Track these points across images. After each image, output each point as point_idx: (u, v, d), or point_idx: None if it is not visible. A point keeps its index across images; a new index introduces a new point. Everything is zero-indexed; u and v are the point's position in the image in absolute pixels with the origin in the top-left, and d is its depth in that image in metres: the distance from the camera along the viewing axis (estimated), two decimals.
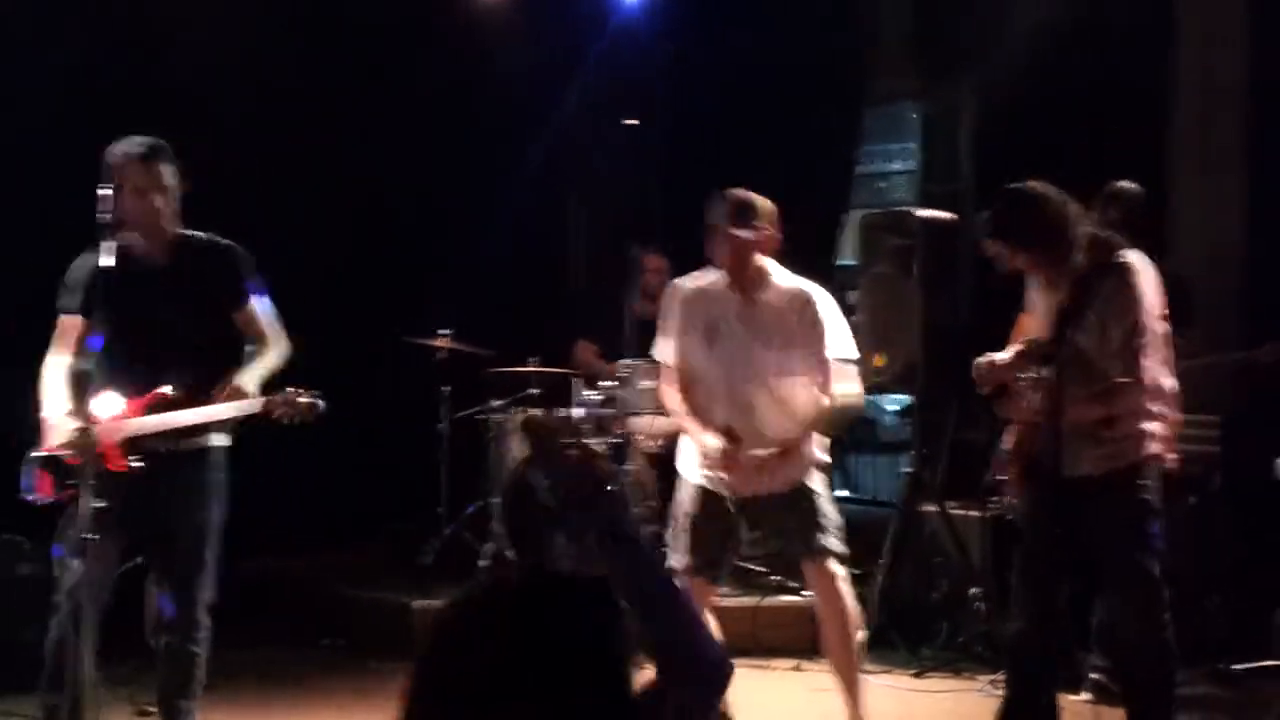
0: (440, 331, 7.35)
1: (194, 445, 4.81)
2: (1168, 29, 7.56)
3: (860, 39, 8.98)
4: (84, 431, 4.52)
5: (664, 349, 5.21)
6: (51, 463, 4.56)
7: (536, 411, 6.92)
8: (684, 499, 5.20)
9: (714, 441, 4.98)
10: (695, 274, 5.24)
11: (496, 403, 7.32)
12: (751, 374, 5.03)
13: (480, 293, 7.94)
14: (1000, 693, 5.43)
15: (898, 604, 6.75)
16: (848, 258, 8.19)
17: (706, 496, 5.09)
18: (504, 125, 8.43)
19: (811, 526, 5.06)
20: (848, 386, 5.14)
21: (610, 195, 8.87)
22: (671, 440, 5.93)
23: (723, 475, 5.01)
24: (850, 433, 7.34)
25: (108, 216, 4.46)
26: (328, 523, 7.78)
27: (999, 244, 4.76)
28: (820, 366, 5.06)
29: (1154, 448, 4.67)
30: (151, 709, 5.50)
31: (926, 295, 6.69)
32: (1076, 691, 5.65)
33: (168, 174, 4.82)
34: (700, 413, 5.10)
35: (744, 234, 5.01)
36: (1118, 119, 7.23)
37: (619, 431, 6.88)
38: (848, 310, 6.52)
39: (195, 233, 4.95)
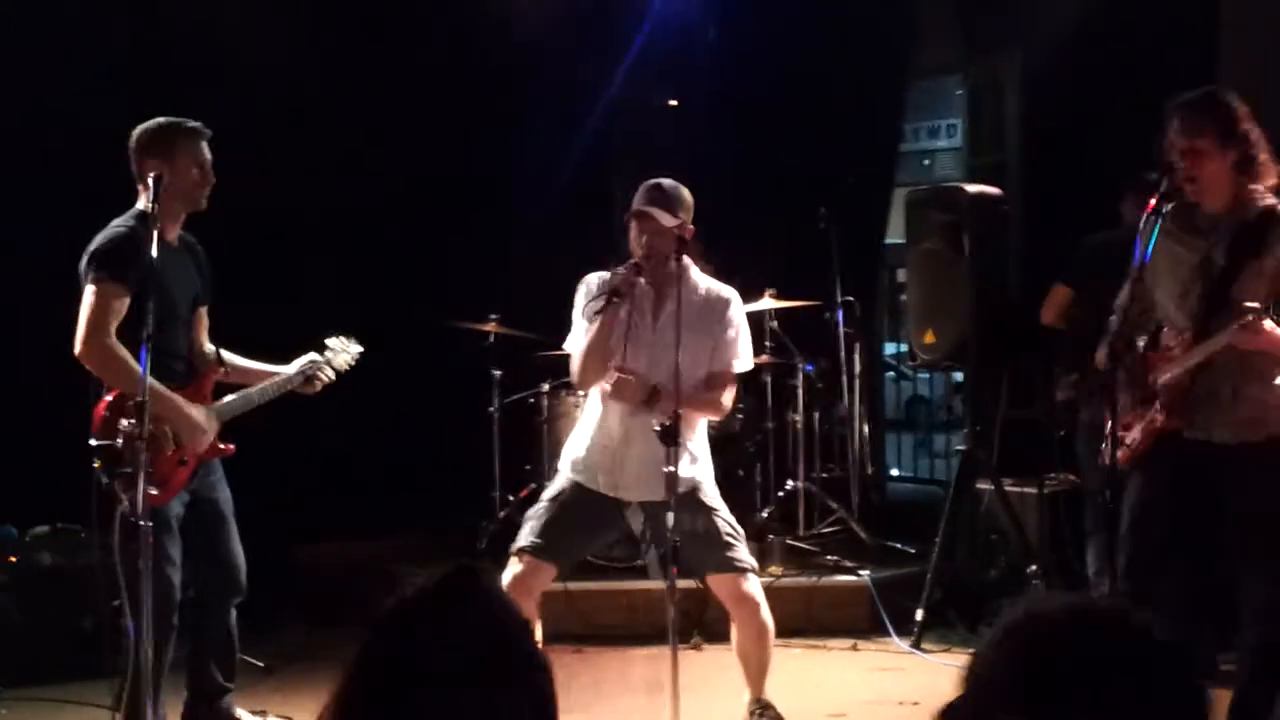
0: (490, 315, 7.36)
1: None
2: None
3: (905, 12, 8.90)
4: (208, 415, 4.80)
5: (574, 340, 4.95)
6: (103, 451, 4.54)
7: None
8: (554, 487, 5.00)
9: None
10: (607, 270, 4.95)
11: (547, 386, 7.33)
12: (660, 371, 4.77)
13: (529, 276, 7.94)
14: None
15: (955, 582, 6.71)
16: (894, 236, 8.14)
17: (580, 491, 4.87)
18: (551, 109, 8.41)
19: (719, 537, 4.86)
20: (728, 397, 4.96)
21: (655, 177, 8.85)
22: None
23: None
24: (904, 411, 7.29)
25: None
26: (382, 507, 7.81)
27: (1201, 133, 4.37)
28: (721, 373, 4.89)
29: None
30: None
31: (976, 271, 6.62)
32: None
33: None
34: (603, 405, 4.90)
35: (668, 220, 4.80)
36: (1166, 90, 7.13)
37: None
38: (896, 289, 6.52)
39: None
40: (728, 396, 4.95)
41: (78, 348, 4.58)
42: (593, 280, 4.93)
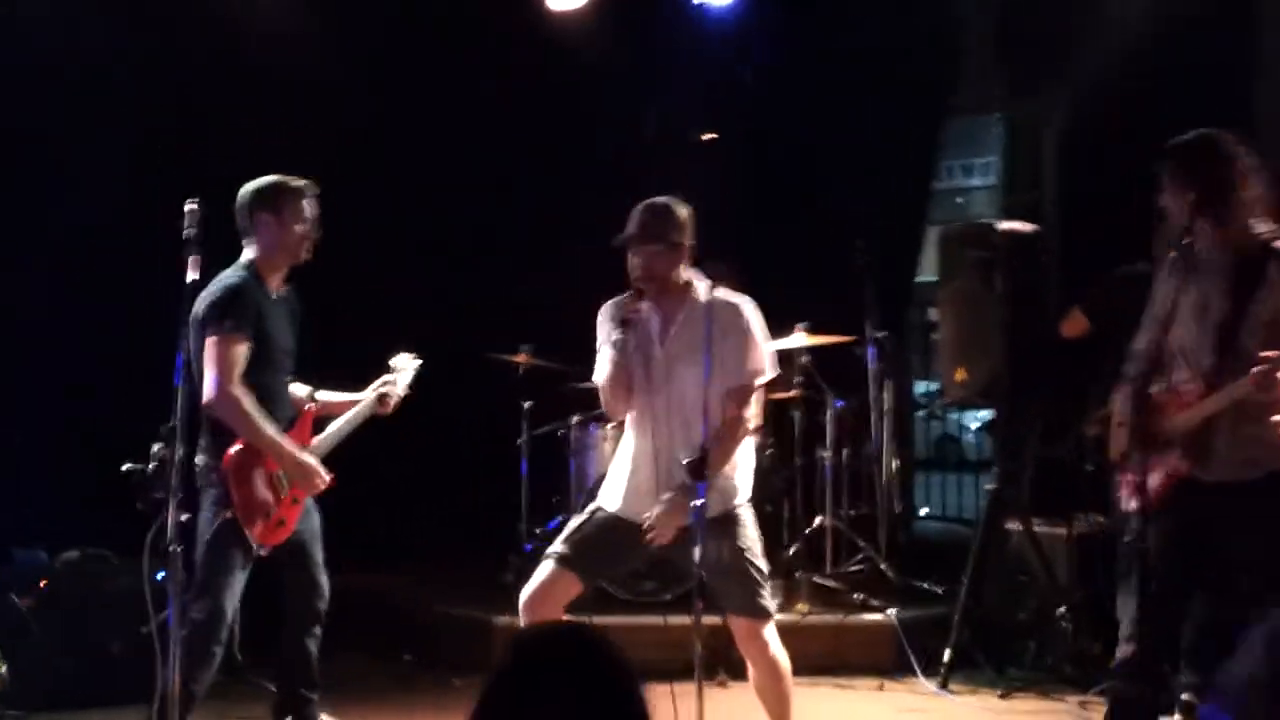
0: (521, 347, 7.37)
1: None
2: (1255, 39, 7.43)
3: (943, 50, 8.89)
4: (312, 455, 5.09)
5: (599, 371, 4.93)
6: (136, 475, 4.56)
7: None
8: (592, 505, 5.02)
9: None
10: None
11: (576, 418, 7.33)
12: (675, 394, 4.77)
13: (562, 308, 7.96)
14: (1090, 714, 5.35)
15: (983, 623, 6.65)
16: (928, 274, 8.12)
17: (613, 517, 4.87)
18: (585, 142, 8.44)
19: (745, 580, 4.78)
20: (751, 411, 4.85)
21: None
22: None
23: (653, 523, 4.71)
24: (934, 450, 7.24)
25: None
26: (410, 538, 7.81)
27: (1171, 177, 4.51)
28: (738, 389, 4.78)
29: None
30: None
31: (1009, 308, 6.59)
32: (1169, 713, 5.55)
33: None
34: (632, 433, 4.93)
35: (653, 248, 4.76)
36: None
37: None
38: (928, 326, 6.51)
39: None
40: (750, 411, 4.83)
41: (207, 396, 4.78)
42: (608, 309, 4.95)
